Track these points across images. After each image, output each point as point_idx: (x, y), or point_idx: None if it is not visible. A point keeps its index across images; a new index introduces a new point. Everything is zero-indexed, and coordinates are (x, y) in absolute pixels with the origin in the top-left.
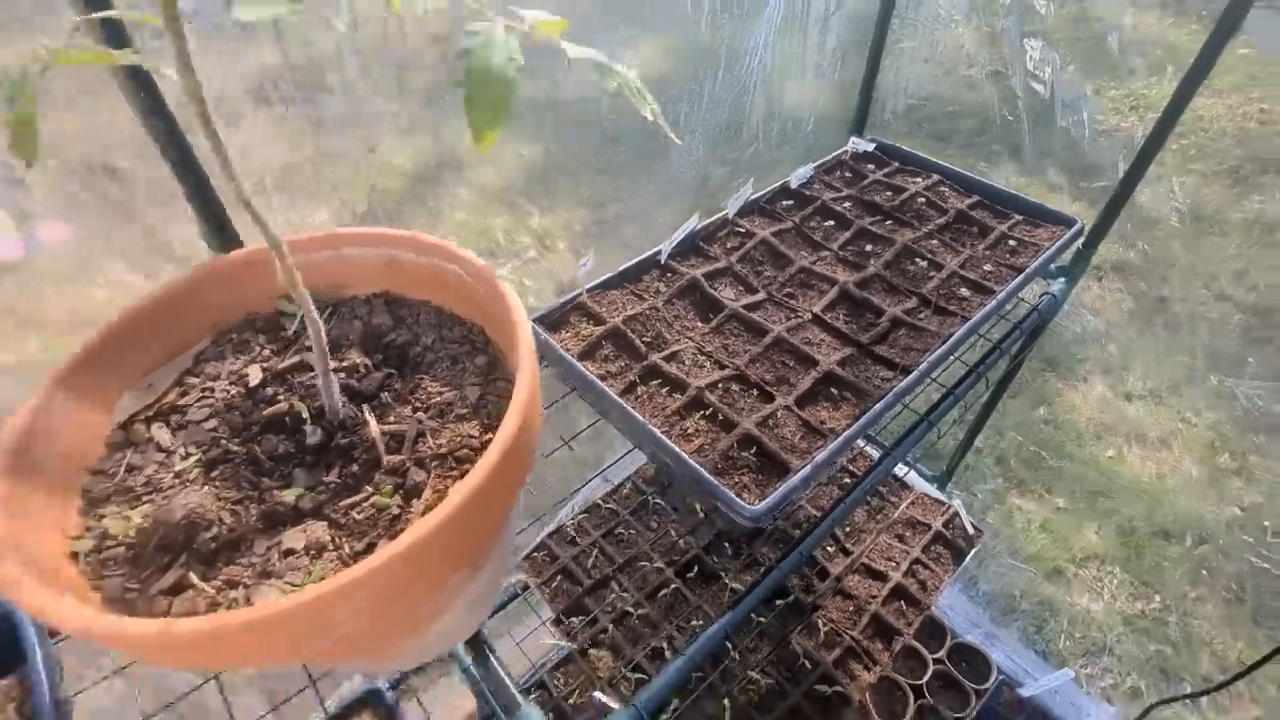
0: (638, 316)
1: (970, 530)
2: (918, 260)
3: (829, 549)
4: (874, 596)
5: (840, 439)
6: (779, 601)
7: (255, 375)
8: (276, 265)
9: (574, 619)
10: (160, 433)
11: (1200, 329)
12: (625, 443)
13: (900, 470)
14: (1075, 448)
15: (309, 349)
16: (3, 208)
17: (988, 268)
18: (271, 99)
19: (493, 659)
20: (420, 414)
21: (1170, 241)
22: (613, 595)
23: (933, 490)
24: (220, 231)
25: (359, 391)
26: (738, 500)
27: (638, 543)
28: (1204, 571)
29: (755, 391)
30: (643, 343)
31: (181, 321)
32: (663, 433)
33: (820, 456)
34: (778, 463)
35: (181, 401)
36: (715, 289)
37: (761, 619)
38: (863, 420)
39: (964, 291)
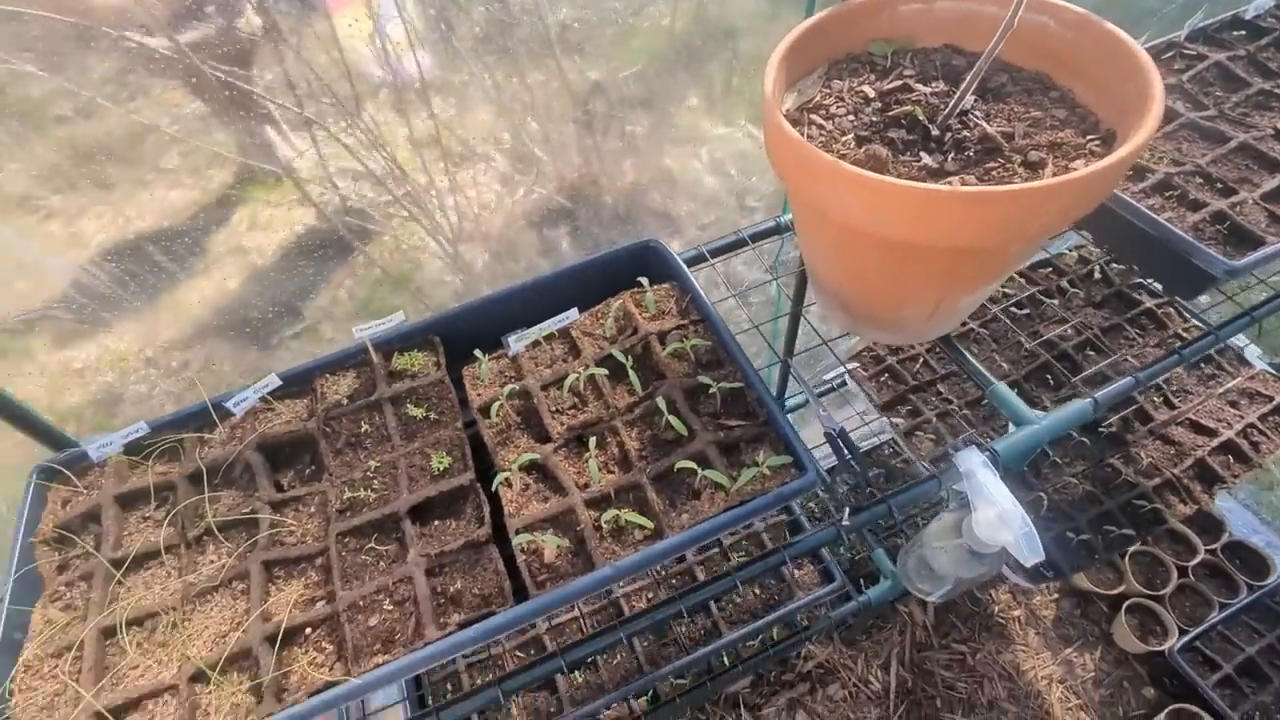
0: None
1: None
2: None
3: (1155, 399)
4: (1199, 446)
5: None
6: (1100, 430)
7: (870, 92)
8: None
9: (899, 407)
10: (818, 118)
11: None
12: None
13: (1238, 343)
14: None
15: (905, 76)
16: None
17: None
18: None
19: (963, 350)
20: (1015, 123)
21: None
22: (935, 397)
23: (1275, 371)
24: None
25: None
26: (1217, 255)
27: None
28: None
29: (1218, 185)
30: None
31: (812, 51)
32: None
33: None
34: (1250, 237)
35: (824, 102)
36: (1167, 101)
37: (1083, 439)
38: None
39: None
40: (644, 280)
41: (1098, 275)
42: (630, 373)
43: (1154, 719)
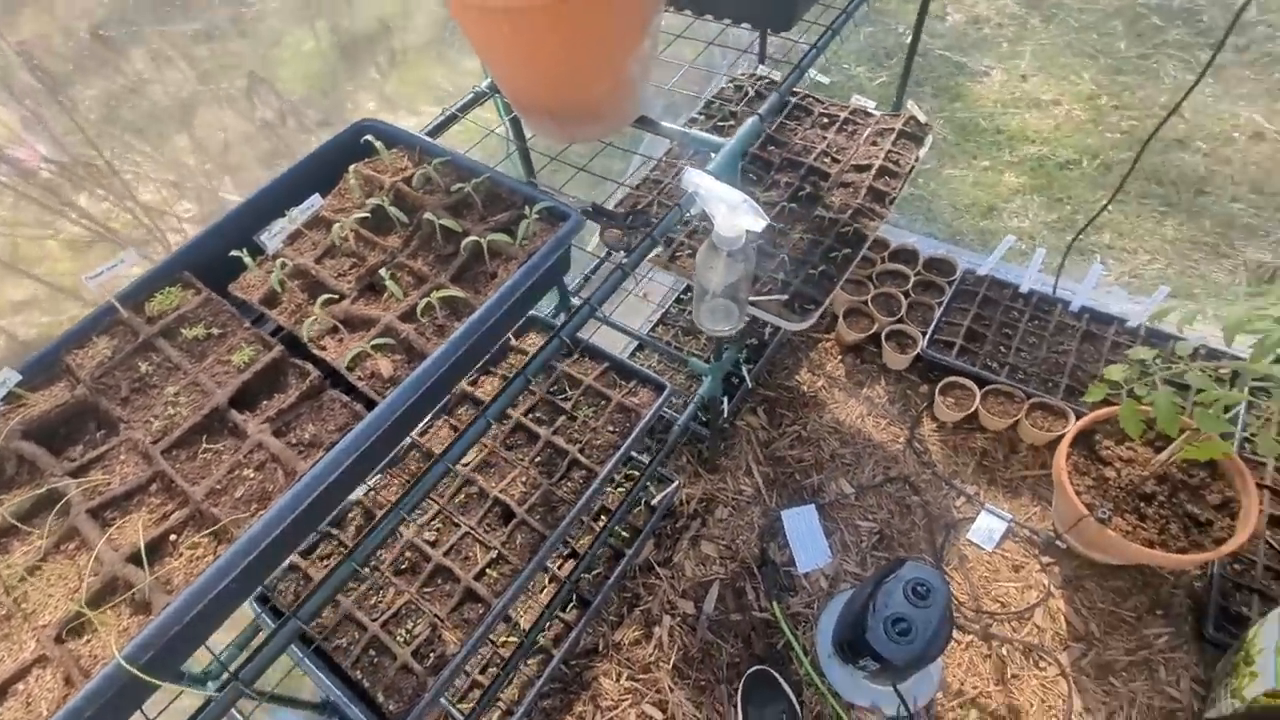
0: None
1: (922, 120)
2: None
3: (826, 160)
4: (864, 178)
5: None
6: (801, 195)
7: None
8: None
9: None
10: None
11: (1073, 14)
12: None
13: (863, 103)
14: (988, 123)
15: None
16: None
17: None
18: None
19: (657, 122)
20: None
21: None
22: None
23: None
24: None
25: None
26: None
27: None
28: (1101, 181)
29: None
30: None
31: None
32: None
33: None
34: None
35: None
36: None
37: (792, 205)
38: None
39: None
40: (374, 141)
41: (751, 94)
42: (392, 209)
43: (934, 400)
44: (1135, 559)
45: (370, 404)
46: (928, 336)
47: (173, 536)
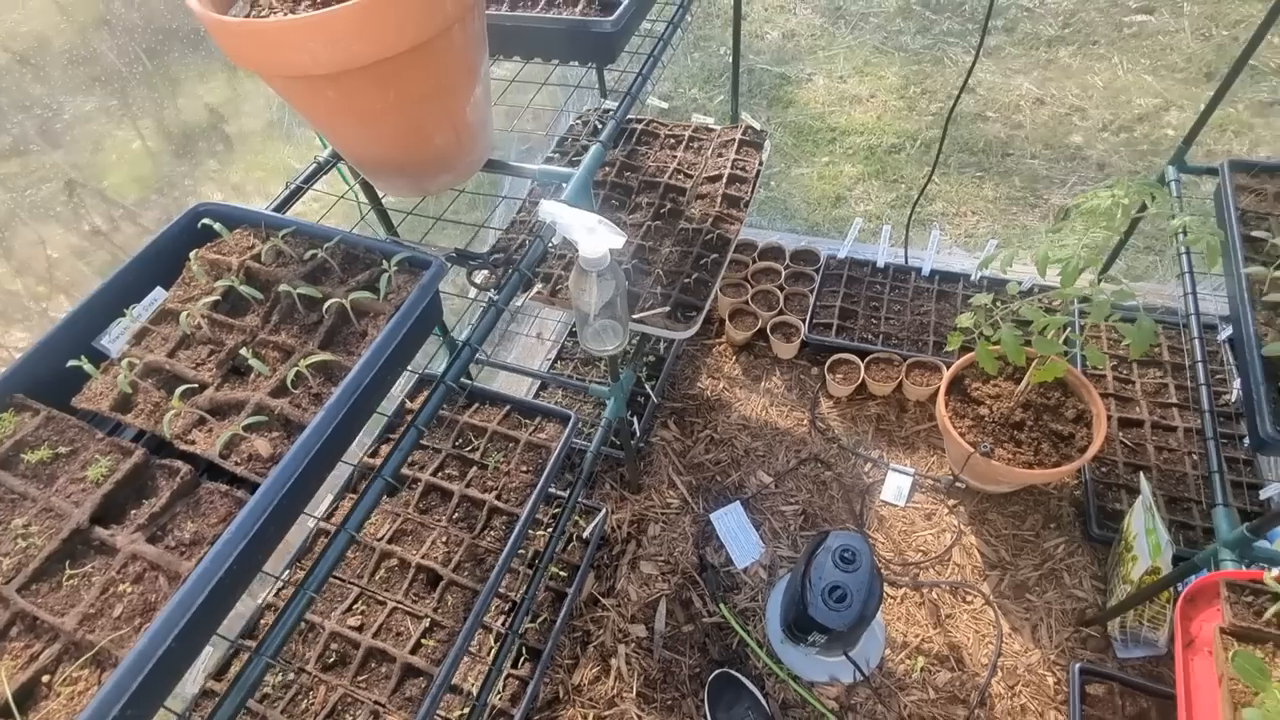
0: None
1: (758, 128)
2: None
3: (680, 177)
4: (718, 188)
5: None
6: (662, 214)
7: None
8: None
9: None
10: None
11: (868, 19)
12: None
13: (704, 120)
14: (820, 123)
15: None
16: None
17: None
18: None
19: (507, 162)
20: None
21: None
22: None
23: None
24: None
25: None
26: (604, 18)
27: None
28: (924, 159)
29: None
30: None
31: None
32: None
33: None
34: (614, 4)
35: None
36: None
37: (657, 224)
38: None
39: None
40: (214, 225)
41: (598, 127)
42: (244, 288)
43: (826, 379)
44: (1021, 481)
45: (254, 488)
46: (807, 322)
47: (45, 677)
